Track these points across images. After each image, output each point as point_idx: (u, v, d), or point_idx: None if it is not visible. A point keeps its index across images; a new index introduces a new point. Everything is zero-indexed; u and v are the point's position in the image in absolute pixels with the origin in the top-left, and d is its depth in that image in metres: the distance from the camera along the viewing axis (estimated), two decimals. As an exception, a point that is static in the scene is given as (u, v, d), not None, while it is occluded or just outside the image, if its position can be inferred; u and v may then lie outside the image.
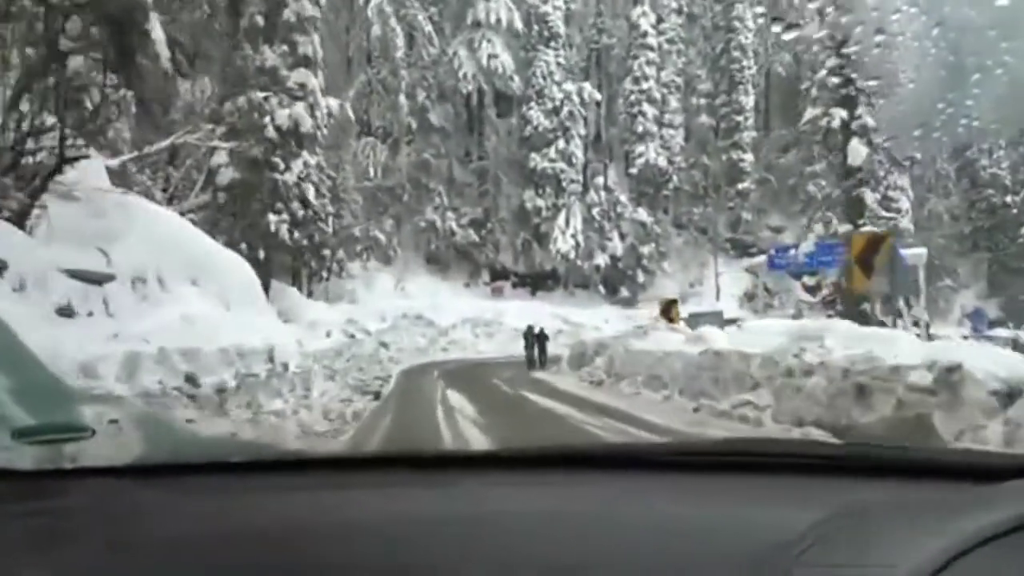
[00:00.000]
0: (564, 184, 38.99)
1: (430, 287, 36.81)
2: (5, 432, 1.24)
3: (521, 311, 35.63)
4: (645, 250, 39.43)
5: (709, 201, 43.70)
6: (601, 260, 38.35)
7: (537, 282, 39.71)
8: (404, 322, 29.28)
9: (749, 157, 44.35)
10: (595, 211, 39.10)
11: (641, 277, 39.47)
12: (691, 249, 43.38)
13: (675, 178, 42.53)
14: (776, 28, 37.03)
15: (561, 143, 39.23)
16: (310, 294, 28.89)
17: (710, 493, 1.10)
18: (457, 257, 39.10)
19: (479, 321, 33.57)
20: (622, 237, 39.70)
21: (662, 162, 42.35)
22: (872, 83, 23.00)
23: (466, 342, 31.35)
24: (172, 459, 1.39)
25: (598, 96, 42.60)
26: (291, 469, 1.31)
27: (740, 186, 44.26)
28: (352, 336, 25.37)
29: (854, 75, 28.40)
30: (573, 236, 37.64)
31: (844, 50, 27.80)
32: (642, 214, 39.80)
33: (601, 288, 39.21)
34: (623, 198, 40.59)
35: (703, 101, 45.54)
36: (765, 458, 1.20)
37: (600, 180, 40.15)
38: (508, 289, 39.01)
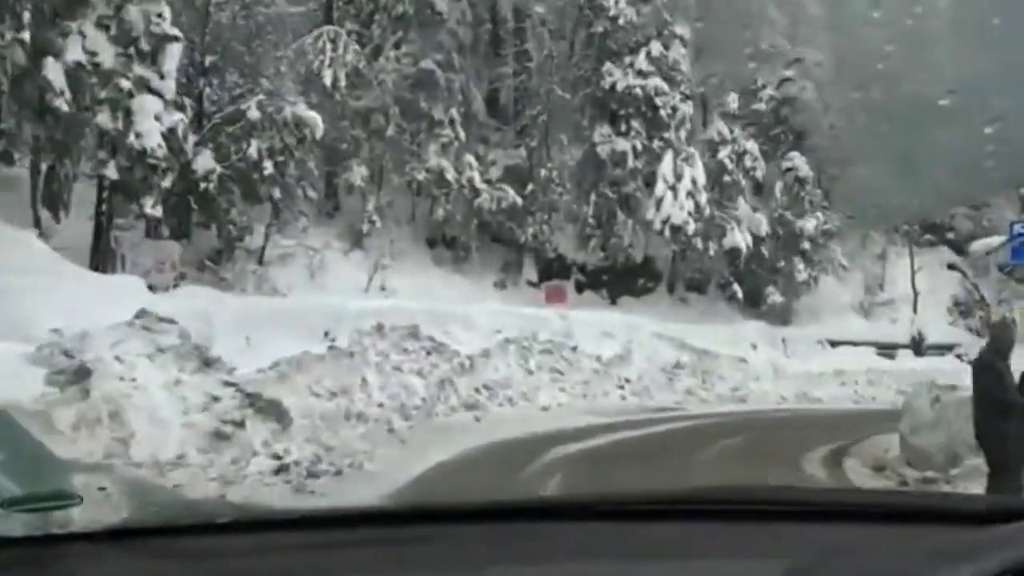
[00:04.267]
0: (665, 114, 22.74)
1: (435, 284, 20.41)
2: None
3: (600, 328, 19.45)
4: (808, 226, 22.98)
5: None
6: (739, 240, 21.87)
7: (620, 281, 23.29)
8: (376, 341, 12.69)
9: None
10: (723, 156, 22.74)
11: (802, 273, 22.97)
12: (855, 232, 26.85)
13: (825, 119, 26.21)
14: None
15: (657, 46, 23.06)
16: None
17: (689, 542, 1.11)
18: (482, 238, 22.71)
19: (530, 343, 17.11)
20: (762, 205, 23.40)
21: (808, 94, 26.15)
22: None
23: (514, 386, 14.89)
24: (160, 522, 1.38)
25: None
26: (279, 528, 1.32)
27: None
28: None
29: None
30: (691, 197, 21.24)
31: None
32: (799, 162, 23.43)
33: (737, 291, 22.62)
34: (749, 144, 24.19)
35: None
36: (744, 505, 1.21)
37: (725, 109, 23.79)
38: (569, 292, 22.51)
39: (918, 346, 24.00)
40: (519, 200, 21.78)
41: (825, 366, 21.42)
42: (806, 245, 22.88)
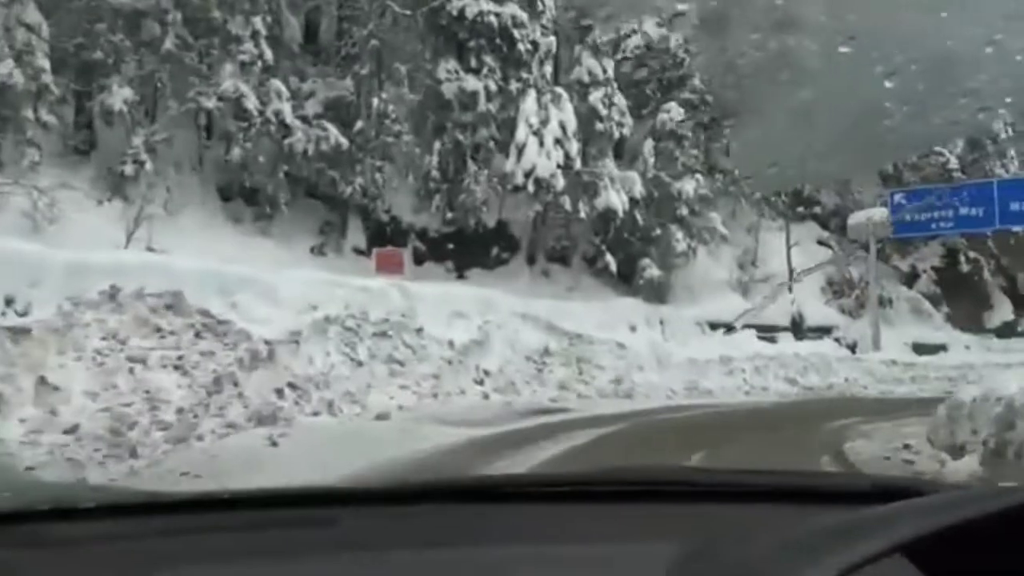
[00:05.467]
0: (525, 49, 18.68)
1: (228, 248, 15.22)
2: None
3: (450, 305, 15.32)
4: (687, 188, 19.67)
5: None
6: (615, 200, 18.13)
7: (469, 250, 19.02)
8: (105, 314, 7.64)
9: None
10: (595, 100, 18.93)
11: (680, 243, 19.64)
12: (727, 201, 24.03)
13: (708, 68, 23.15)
14: None
15: (515, -34, 18.96)
16: None
17: (584, 523, 1.13)
18: (296, 190, 17.71)
19: (360, 323, 12.53)
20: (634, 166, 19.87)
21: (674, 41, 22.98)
22: None
23: (336, 384, 10.24)
24: (15, 508, 1.26)
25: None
26: (143, 512, 1.26)
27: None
28: None
29: None
30: (560, 145, 17.28)
31: None
32: (676, 114, 20.09)
33: (610, 263, 18.88)
34: (618, 99, 20.60)
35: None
36: (640, 486, 1.23)
37: (589, 47, 19.94)
38: (406, 261, 17.97)
39: (798, 328, 21.52)
40: (344, 142, 16.92)
41: (709, 352, 18.27)
42: (684, 211, 19.61)
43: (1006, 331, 28.29)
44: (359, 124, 17.07)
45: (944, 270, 26.98)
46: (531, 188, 17.18)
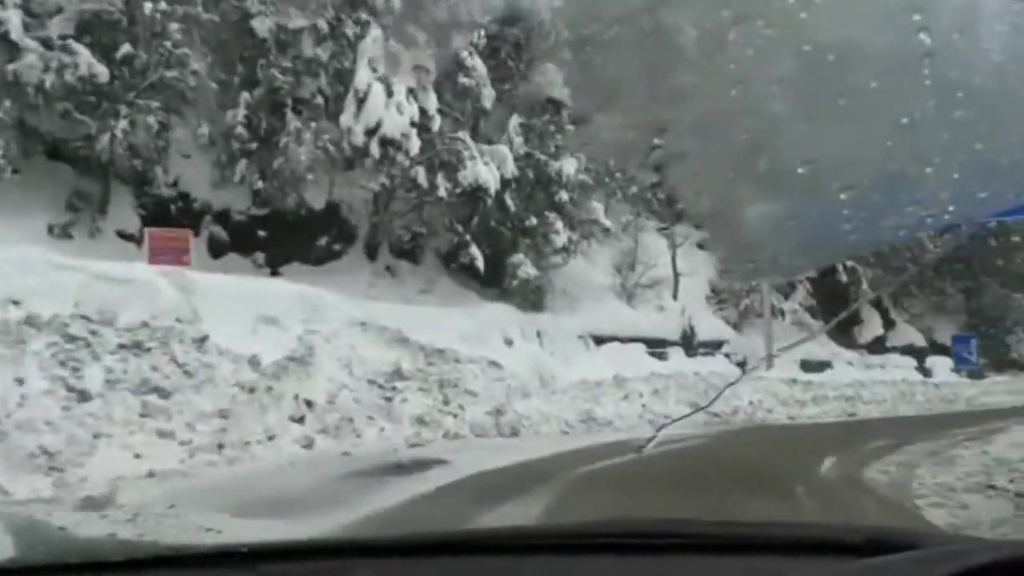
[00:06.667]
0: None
1: None
2: None
3: (257, 308, 10.48)
4: (568, 168, 15.85)
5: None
6: (485, 175, 13.93)
7: (287, 239, 14.22)
8: None
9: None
10: (458, 48, 14.68)
11: (560, 236, 15.73)
12: (597, 199, 20.49)
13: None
14: None
15: None
16: None
17: (582, 574, 1.16)
18: (29, 145, 12.24)
19: (97, 327, 7.52)
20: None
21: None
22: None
23: (31, 431, 5.26)
24: (47, 561, 1.38)
25: None
26: (171, 566, 1.31)
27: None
28: None
29: None
30: (414, 97, 12.92)
31: None
32: (554, 76, 16.29)
33: (476, 258, 14.58)
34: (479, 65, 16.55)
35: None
36: (637, 539, 1.24)
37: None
38: (200, 254, 12.96)
39: (689, 343, 18.27)
40: (102, 72, 11.70)
41: (599, 371, 14.51)
42: (564, 196, 15.78)
43: (877, 346, 26.78)
44: (124, 49, 11.88)
45: (821, 282, 24.96)
46: (375, 152, 12.68)
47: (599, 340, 16.03)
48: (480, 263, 14.28)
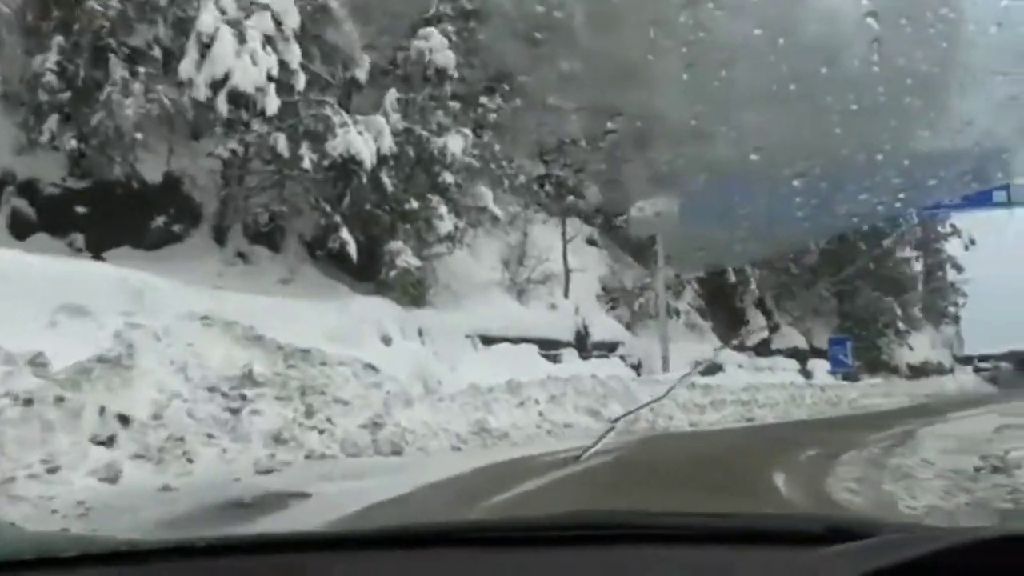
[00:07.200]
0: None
1: None
2: None
3: (59, 293, 7.98)
4: (454, 146, 13.97)
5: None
6: (360, 145, 11.82)
7: (114, 218, 11.62)
8: None
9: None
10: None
11: (445, 221, 13.82)
12: (483, 179, 18.71)
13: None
14: None
15: None
16: None
17: (547, 567, 1.15)
18: None
19: None
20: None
21: None
22: None
23: None
24: (0, 556, 1.30)
25: None
26: (124, 561, 1.26)
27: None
28: None
29: None
30: (271, 46, 10.71)
31: None
32: (437, 42, 14.40)
33: (347, 243, 12.43)
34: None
35: None
36: (603, 530, 1.23)
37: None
38: (-5, 232, 10.25)
39: (583, 344, 16.75)
40: None
41: (490, 375, 12.70)
42: (449, 178, 13.90)
43: (763, 349, 26.36)
44: None
45: (709, 282, 24.21)
46: (223, 110, 10.38)
47: (488, 340, 14.27)
48: (352, 250, 12.16)
